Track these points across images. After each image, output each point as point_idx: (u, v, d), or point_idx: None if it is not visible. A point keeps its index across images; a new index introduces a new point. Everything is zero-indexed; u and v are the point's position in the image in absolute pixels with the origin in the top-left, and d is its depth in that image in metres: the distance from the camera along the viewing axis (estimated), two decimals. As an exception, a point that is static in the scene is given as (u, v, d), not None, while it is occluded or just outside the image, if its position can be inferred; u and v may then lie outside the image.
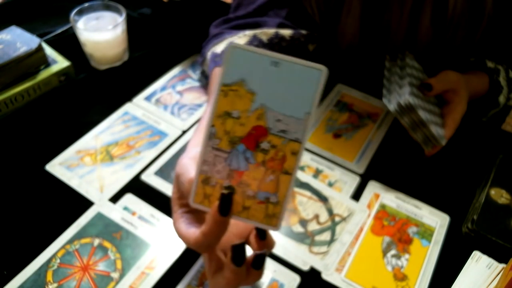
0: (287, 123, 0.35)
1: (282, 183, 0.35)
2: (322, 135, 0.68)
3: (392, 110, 0.61)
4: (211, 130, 0.35)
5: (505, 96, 0.70)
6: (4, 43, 0.68)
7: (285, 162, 0.35)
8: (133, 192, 0.59)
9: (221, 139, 0.35)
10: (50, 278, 0.50)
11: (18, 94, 0.67)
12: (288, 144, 0.35)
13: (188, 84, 0.75)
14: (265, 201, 0.35)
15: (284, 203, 0.35)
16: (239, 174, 0.36)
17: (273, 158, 0.35)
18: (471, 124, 0.72)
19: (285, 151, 0.35)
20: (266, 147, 0.35)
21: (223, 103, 0.35)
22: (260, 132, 0.35)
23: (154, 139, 0.66)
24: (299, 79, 0.34)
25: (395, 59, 0.68)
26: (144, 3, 0.90)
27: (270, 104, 0.35)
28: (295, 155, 0.35)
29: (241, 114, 0.35)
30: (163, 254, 0.53)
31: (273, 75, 0.34)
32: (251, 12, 0.68)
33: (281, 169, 0.35)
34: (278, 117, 0.35)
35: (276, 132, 0.35)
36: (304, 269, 0.53)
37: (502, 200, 0.59)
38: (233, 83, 0.35)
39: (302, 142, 0.35)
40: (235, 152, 0.35)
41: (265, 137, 0.35)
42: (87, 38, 0.72)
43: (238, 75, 0.35)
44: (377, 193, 0.61)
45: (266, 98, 0.35)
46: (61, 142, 0.64)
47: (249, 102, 0.35)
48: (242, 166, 0.35)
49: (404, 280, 0.52)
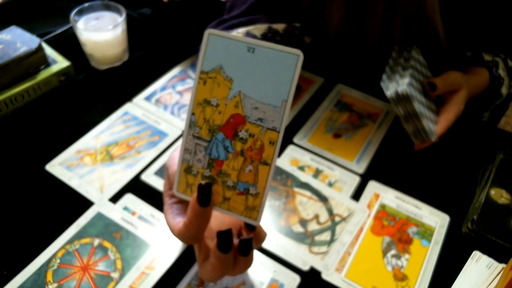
0: (264, 111, 0.34)
1: (261, 174, 0.35)
2: (322, 135, 0.68)
3: (388, 96, 0.61)
4: (192, 118, 0.35)
5: (506, 86, 0.70)
6: (4, 43, 0.68)
7: (264, 152, 0.34)
8: (133, 192, 0.59)
9: (201, 127, 0.35)
10: (50, 278, 0.50)
11: (18, 94, 0.67)
12: (265, 133, 0.34)
13: (188, 84, 0.75)
14: (245, 192, 0.35)
15: (264, 195, 0.35)
16: (219, 163, 0.35)
17: (251, 148, 0.34)
18: (470, 123, 0.72)
19: (263, 140, 0.34)
20: (244, 136, 0.34)
21: (202, 90, 0.35)
22: (238, 121, 0.34)
23: (154, 139, 0.66)
24: (276, 65, 0.33)
25: (402, 51, 0.69)
26: (144, 3, 0.90)
27: (247, 91, 0.34)
28: (272, 144, 0.34)
29: (219, 101, 0.34)
30: (163, 254, 0.53)
31: (250, 62, 0.34)
32: (244, 11, 0.68)
33: (259, 159, 0.34)
34: (255, 104, 0.34)
35: (253, 120, 0.34)
36: (304, 269, 0.53)
37: (502, 200, 0.59)
38: (211, 70, 0.34)
39: (280, 131, 0.34)
40: (214, 140, 0.35)
41: (243, 126, 0.34)
42: (87, 38, 0.72)
43: (216, 62, 0.34)
44: (377, 193, 0.61)
45: (243, 85, 0.34)
46: (61, 142, 0.64)
47: (227, 90, 0.34)
48: (221, 155, 0.35)
49: (404, 280, 0.52)
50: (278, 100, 0.34)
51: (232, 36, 0.34)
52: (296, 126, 0.69)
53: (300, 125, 0.69)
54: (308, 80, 0.77)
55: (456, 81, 0.64)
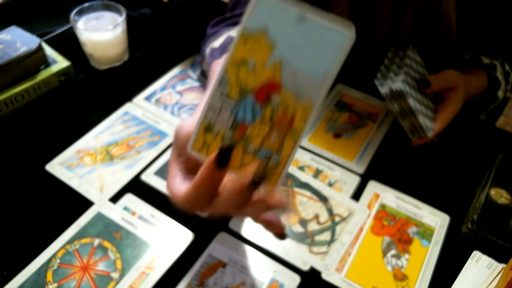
0: (302, 82, 0.32)
1: (286, 144, 0.33)
2: (322, 135, 0.68)
3: (383, 93, 0.62)
4: (224, 75, 0.33)
5: (503, 90, 0.71)
6: (4, 43, 0.68)
7: (294, 123, 0.33)
8: (133, 192, 0.59)
9: (231, 87, 0.33)
10: (50, 278, 0.50)
11: (18, 94, 0.67)
12: (300, 104, 0.32)
13: (188, 84, 0.75)
14: (266, 160, 0.34)
15: (286, 166, 0.33)
16: (243, 127, 0.34)
17: (281, 116, 0.33)
18: (469, 123, 0.72)
19: (296, 111, 0.33)
20: (276, 103, 0.33)
21: (241, 50, 0.33)
22: (273, 87, 0.33)
23: (154, 139, 0.66)
24: (324, 38, 0.31)
25: (398, 51, 0.69)
26: (144, 3, 0.90)
27: (289, 60, 0.32)
28: (305, 117, 0.32)
29: (257, 64, 0.33)
30: (163, 254, 0.53)
31: (298, 30, 0.32)
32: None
33: (288, 129, 0.33)
34: (295, 74, 0.32)
35: (289, 89, 0.32)
36: (304, 269, 0.53)
37: (502, 200, 0.59)
38: (255, 30, 0.32)
39: (314, 106, 0.32)
40: (244, 102, 0.33)
41: (278, 93, 0.33)
42: (87, 38, 0.72)
43: (261, 22, 0.32)
44: (377, 193, 0.61)
45: (286, 52, 0.32)
46: (61, 142, 0.64)
47: (268, 53, 0.32)
48: (248, 118, 0.33)
49: (404, 280, 0.52)
50: (320, 74, 0.32)
51: (284, 1, 0.32)
52: (296, 126, 0.69)
53: (300, 125, 0.69)
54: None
55: (452, 78, 0.64)
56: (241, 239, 0.55)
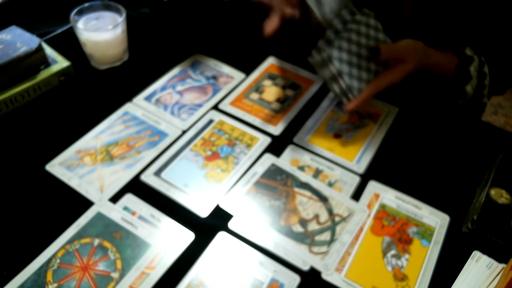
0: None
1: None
2: (322, 135, 0.68)
3: (311, 62, 0.62)
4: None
5: (473, 87, 0.70)
6: (4, 43, 0.68)
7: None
8: (133, 192, 0.59)
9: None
10: (50, 278, 0.50)
11: (18, 94, 0.67)
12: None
13: (188, 84, 0.75)
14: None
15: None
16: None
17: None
18: (469, 123, 0.72)
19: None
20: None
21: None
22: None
23: (154, 139, 0.66)
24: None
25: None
26: (144, 3, 0.90)
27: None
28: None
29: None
30: (163, 254, 0.53)
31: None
32: None
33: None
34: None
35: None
36: (304, 269, 0.53)
37: (502, 200, 0.59)
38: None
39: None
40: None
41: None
42: (87, 38, 0.72)
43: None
44: (377, 193, 0.61)
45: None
46: (61, 142, 0.64)
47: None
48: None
49: (404, 280, 0.52)
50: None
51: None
52: (296, 126, 0.69)
53: (300, 125, 0.69)
54: (308, 80, 0.77)
55: (404, 49, 0.64)
56: (241, 239, 0.55)
